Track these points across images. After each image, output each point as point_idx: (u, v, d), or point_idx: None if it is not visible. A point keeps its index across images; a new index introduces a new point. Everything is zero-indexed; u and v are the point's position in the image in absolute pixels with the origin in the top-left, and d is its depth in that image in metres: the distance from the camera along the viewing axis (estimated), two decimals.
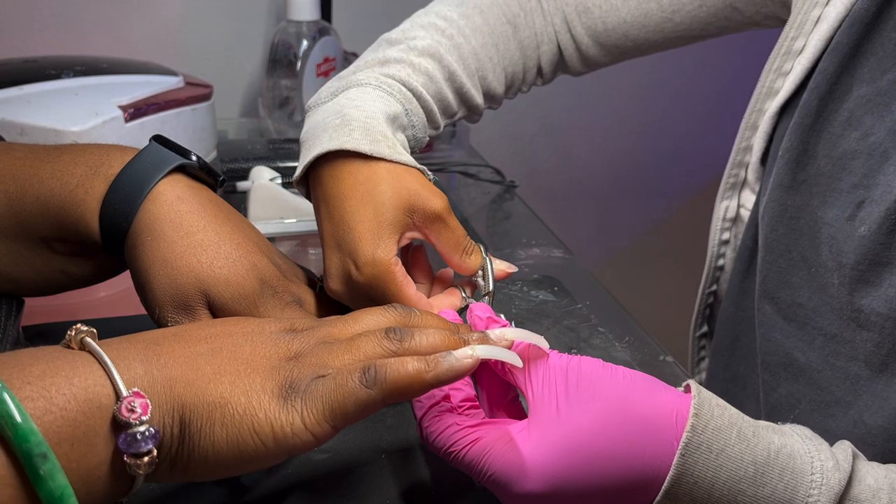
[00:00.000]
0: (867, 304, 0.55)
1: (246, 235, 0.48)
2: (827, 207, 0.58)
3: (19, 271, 0.48)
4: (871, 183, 0.55)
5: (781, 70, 0.64)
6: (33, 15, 1.13)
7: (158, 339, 0.36)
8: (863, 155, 0.56)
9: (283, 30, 1.12)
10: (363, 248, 0.48)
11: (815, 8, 0.61)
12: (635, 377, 0.41)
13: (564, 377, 0.41)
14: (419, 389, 0.37)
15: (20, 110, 0.82)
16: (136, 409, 0.32)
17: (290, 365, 0.37)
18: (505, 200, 1.02)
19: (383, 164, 0.51)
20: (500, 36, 0.70)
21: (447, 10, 0.68)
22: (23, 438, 0.29)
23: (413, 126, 0.59)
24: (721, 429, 0.40)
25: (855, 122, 0.57)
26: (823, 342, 0.59)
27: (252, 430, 0.34)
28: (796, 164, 0.61)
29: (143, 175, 0.46)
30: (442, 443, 0.41)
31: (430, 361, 0.37)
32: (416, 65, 0.61)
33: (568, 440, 0.39)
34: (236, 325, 0.39)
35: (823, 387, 0.59)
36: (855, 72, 0.57)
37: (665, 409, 0.40)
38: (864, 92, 0.56)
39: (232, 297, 0.45)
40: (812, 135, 0.60)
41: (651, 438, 0.39)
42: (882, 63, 0.56)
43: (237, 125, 1.25)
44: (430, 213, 0.50)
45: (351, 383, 0.36)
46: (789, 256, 0.62)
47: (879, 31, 0.56)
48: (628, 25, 0.73)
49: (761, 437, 0.41)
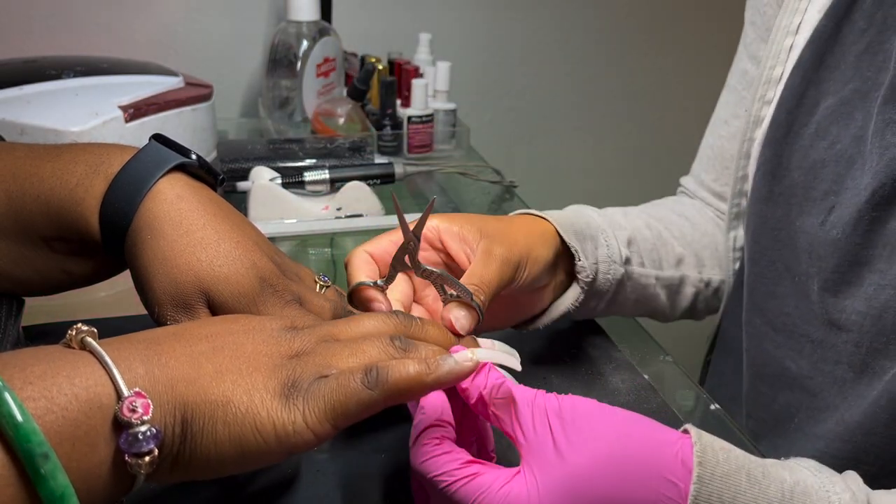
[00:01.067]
0: (849, 304, 0.56)
1: (246, 234, 0.48)
2: (804, 217, 0.59)
3: (20, 270, 0.48)
4: (840, 188, 0.57)
5: (765, 98, 0.66)
6: (33, 15, 1.13)
7: (159, 339, 0.36)
8: (831, 163, 0.58)
9: (283, 30, 1.12)
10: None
11: (787, 37, 0.65)
12: (632, 416, 0.40)
13: (558, 417, 0.39)
14: (420, 392, 0.38)
15: (20, 110, 0.82)
16: (137, 409, 0.32)
17: (292, 364, 0.37)
18: (505, 200, 1.02)
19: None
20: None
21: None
22: (24, 438, 0.29)
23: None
24: (729, 475, 0.38)
25: (822, 133, 0.59)
26: (811, 349, 0.59)
27: (254, 428, 0.35)
28: (772, 177, 0.63)
29: (143, 174, 0.46)
30: (434, 468, 0.39)
31: (430, 364, 0.38)
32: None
33: (572, 481, 0.37)
34: (237, 323, 0.39)
35: (815, 393, 0.60)
36: (820, 85, 0.60)
37: (669, 450, 0.38)
38: (829, 103, 0.59)
39: (232, 295, 0.45)
40: (784, 147, 0.62)
41: (657, 480, 0.37)
42: (844, 74, 0.58)
43: (237, 125, 1.25)
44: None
45: (353, 384, 0.36)
46: (773, 268, 0.63)
47: (840, 44, 0.59)
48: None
49: (772, 478, 0.39)
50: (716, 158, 0.75)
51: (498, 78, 1.48)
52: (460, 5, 1.38)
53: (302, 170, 0.88)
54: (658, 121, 1.64)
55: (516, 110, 1.53)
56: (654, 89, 1.62)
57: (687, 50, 1.60)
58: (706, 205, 0.77)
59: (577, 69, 1.54)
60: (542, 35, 1.48)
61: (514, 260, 0.51)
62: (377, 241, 0.52)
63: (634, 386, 0.60)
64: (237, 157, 0.90)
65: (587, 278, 0.58)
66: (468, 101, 1.47)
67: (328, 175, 0.87)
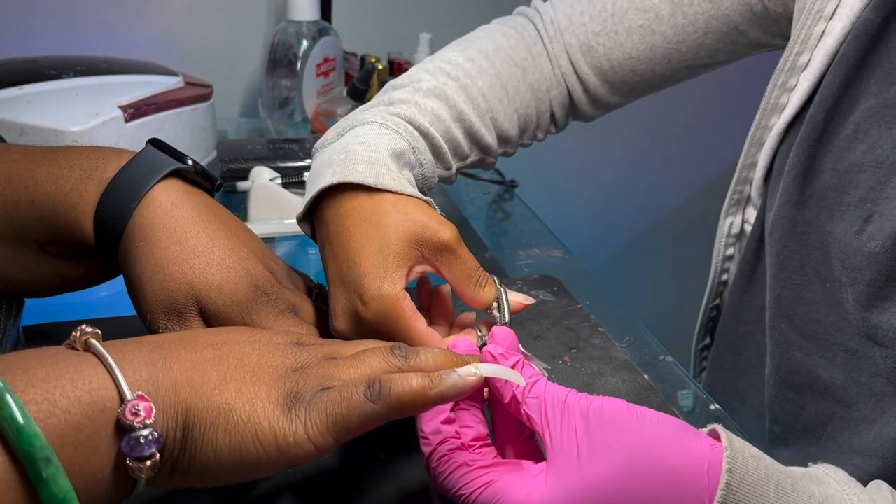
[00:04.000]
0: (885, 320, 0.53)
1: (241, 241, 0.47)
2: (835, 222, 0.57)
3: (14, 273, 0.48)
4: (878, 196, 0.54)
5: (787, 86, 0.63)
6: (33, 15, 1.13)
7: (164, 343, 0.36)
8: (869, 168, 0.55)
9: (283, 30, 1.12)
10: (368, 283, 0.46)
11: (819, 23, 0.60)
12: (663, 422, 0.38)
13: (585, 421, 0.38)
14: (423, 406, 0.37)
15: (20, 110, 0.82)
16: (140, 412, 0.32)
17: (295, 376, 0.37)
18: (505, 200, 1.02)
19: (388, 197, 0.49)
20: (509, 78, 0.68)
21: (452, 55, 0.67)
22: (26, 442, 0.29)
23: (421, 164, 0.58)
24: (757, 484, 0.37)
25: (861, 135, 0.55)
26: (846, 358, 0.57)
27: (255, 437, 0.34)
28: (804, 179, 0.60)
29: (138, 179, 0.46)
30: (452, 484, 0.39)
31: (433, 378, 0.37)
32: (421, 105, 0.60)
33: (589, 492, 0.37)
34: (243, 335, 0.39)
35: (850, 404, 0.57)
36: (861, 84, 0.56)
37: (696, 462, 0.37)
38: (871, 104, 0.55)
39: (224, 303, 0.44)
40: (819, 149, 0.59)
41: (680, 495, 0.36)
42: (889, 75, 0.54)
43: (237, 125, 1.25)
44: (438, 244, 0.48)
45: (356, 396, 0.36)
46: (803, 273, 0.60)
47: (886, 43, 0.55)
48: (634, 60, 0.70)
49: (801, 491, 0.38)
50: (611, 13, 0.69)
51: None
52: (460, 5, 1.37)
53: (302, 170, 0.88)
54: (658, 120, 1.64)
55: None
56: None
57: None
58: (543, 35, 0.72)
59: None
60: None
61: (447, 233, 0.50)
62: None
63: (634, 386, 0.60)
64: (237, 157, 0.90)
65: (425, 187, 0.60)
66: None
67: None
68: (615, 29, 0.69)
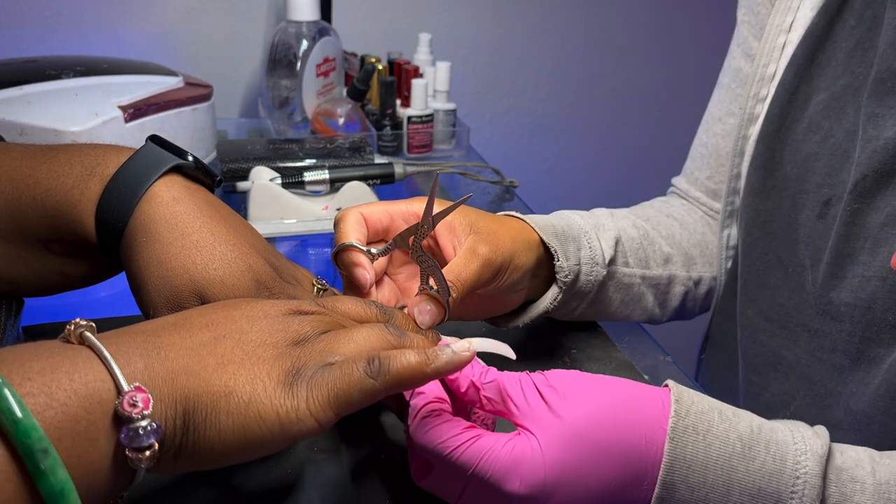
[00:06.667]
0: (835, 296, 0.57)
1: (242, 236, 0.47)
2: (799, 209, 0.61)
3: (17, 272, 0.48)
4: (835, 181, 0.58)
5: (759, 96, 0.67)
6: (33, 15, 1.14)
7: (158, 330, 0.36)
8: (824, 156, 0.59)
9: (283, 30, 1.12)
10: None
11: (780, 35, 0.66)
12: (616, 378, 0.44)
13: (547, 385, 0.42)
14: (420, 381, 0.38)
15: (20, 110, 0.82)
16: (137, 403, 0.32)
17: (296, 351, 0.37)
18: (505, 200, 1.02)
19: None
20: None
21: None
22: (24, 434, 0.29)
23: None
24: (703, 412, 0.42)
25: (814, 127, 0.60)
26: (808, 338, 0.60)
27: (258, 416, 0.35)
28: (765, 171, 0.64)
29: (139, 176, 0.46)
30: (438, 435, 0.40)
31: (430, 354, 0.38)
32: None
33: (572, 434, 0.40)
34: (238, 309, 0.39)
35: (815, 380, 0.60)
36: (812, 81, 0.62)
37: (653, 399, 0.43)
38: (821, 98, 0.60)
39: (226, 297, 0.44)
40: (777, 142, 0.63)
41: (645, 425, 0.41)
42: (835, 70, 0.60)
43: (237, 125, 1.25)
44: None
45: (356, 373, 0.36)
46: (766, 259, 0.64)
47: (832, 41, 0.61)
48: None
49: (742, 417, 0.43)
50: (710, 156, 0.76)
51: (498, 78, 1.48)
52: (460, 5, 1.38)
53: (302, 170, 0.88)
54: (658, 121, 1.64)
55: (516, 110, 1.53)
56: (654, 89, 1.62)
57: (686, 50, 1.60)
58: (697, 205, 0.77)
59: (576, 69, 1.54)
60: (542, 35, 1.48)
61: (497, 263, 0.52)
62: (373, 207, 0.53)
63: None
64: (237, 157, 0.90)
65: (566, 278, 0.59)
66: (468, 101, 1.47)
67: (328, 175, 0.87)
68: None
